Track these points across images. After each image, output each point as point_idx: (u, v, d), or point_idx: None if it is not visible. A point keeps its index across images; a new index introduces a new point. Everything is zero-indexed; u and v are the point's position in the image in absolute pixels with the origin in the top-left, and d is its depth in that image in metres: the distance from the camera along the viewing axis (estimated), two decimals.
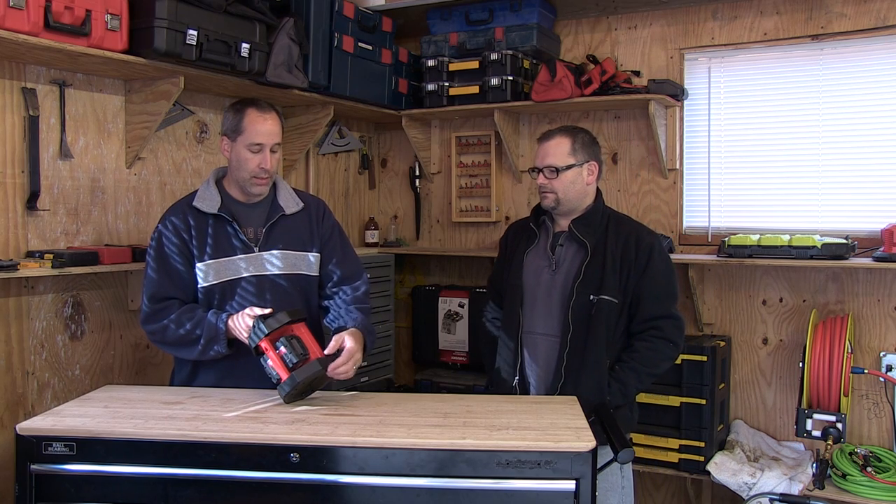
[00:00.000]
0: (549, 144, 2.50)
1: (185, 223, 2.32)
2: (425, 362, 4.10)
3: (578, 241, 2.47)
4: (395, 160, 4.36)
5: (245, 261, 2.34)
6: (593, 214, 2.51)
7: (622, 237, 2.47)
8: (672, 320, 2.45)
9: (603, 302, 2.40)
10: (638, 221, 2.62)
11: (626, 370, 2.41)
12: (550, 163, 2.47)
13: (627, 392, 2.41)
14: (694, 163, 3.57)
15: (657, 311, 2.44)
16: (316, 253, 2.45)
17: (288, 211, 2.42)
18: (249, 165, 2.32)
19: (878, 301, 3.15)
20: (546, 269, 2.50)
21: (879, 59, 3.18)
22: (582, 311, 2.40)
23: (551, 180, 2.46)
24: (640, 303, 2.44)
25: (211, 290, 2.31)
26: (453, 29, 3.79)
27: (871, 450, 2.99)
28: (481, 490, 1.81)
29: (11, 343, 2.55)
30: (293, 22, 3.07)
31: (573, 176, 2.47)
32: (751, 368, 3.42)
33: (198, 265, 2.31)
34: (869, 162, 3.21)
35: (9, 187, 2.53)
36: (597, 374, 2.37)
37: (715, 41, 3.48)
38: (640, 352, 2.42)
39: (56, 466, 1.88)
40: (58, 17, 2.33)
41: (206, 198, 2.35)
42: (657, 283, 2.45)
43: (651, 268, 2.44)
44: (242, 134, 2.31)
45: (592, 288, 2.40)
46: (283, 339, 2.10)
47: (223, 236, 2.33)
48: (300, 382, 2.07)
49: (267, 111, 2.35)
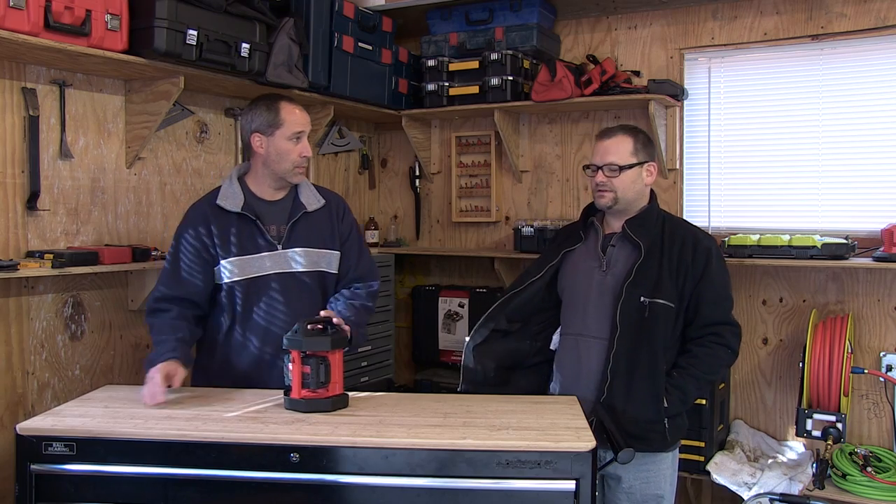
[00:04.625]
0: (610, 142, 2.41)
1: (206, 226, 2.37)
2: (425, 362, 4.11)
3: (632, 241, 2.37)
4: (395, 160, 4.36)
5: (269, 258, 2.39)
6: (648, 215, 2.42)
7: (678, 240, 2.38)
8: (731, 326, 2.38)
9: (658, 305, 2.29)
10: (695, 225, 2.51)
11: (685, 376, 2.31)
12: (612, 161, 2.37)
13: (687, 399, 2.32)
14: (694, 163, 3.57)
15: (716, 316, 2.36)
16: (336, 251, 2.51)
17: (310, 208, 2.47)
18: (292, 155, 2.39)
19: (878, 301, 3.15)
20: (597, 270, 2.41)
21: (879, 59, 3.18)
22: (632, 313, 2.29)
23: (611, 178, 2.37)
24: (698, 308, 2.35)
25: (234, 286, 2.36)
26: (453, 29, 3.79)
27: (871, 450, 2.98)
28: (481, 490, 1.81)
29: (11, 343, 2.55)
30: (293, 22, 3.07)
31: (634, 175, 2.39)
32: (751, 368, 3.42)
33: (222, 262, 2.37)
34: (869, 162, 3.20)
35: (9, 187, 2.53)
36: (652, 380, 2.27)
37: (715, 41, 3.48)
38: (699, 357, 2.33)
39: (56, 466, 1.88)
40: (58, 17, 2.33)
41: (229, 196, 2.39)
42: (716, 289, 2.36)
43: (709, 272, 2.35)
44: (282, 126, 2.38)
45: (645, 290, 2.30)
46: (313, 360, 2.06)
47: (247, 234, 2.39)
48: (302, 411, 2.05)
49: (295, 102, 2.45)
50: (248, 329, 2.38)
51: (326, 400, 2.06)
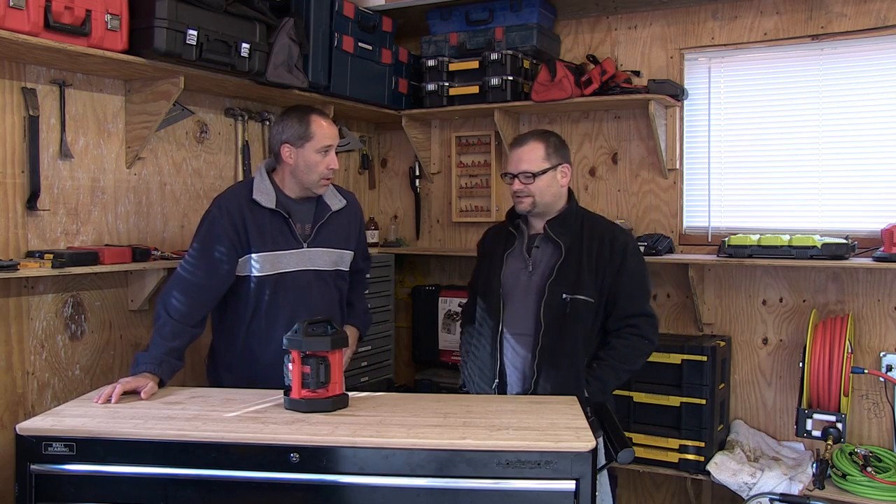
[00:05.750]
0: (522, 150, 2.53)
1: (241, 217, 2.43)
2: (425, 362, 4.10)
3: (553, 241, 2.51)
4: (395, 160, 4.36)
5: (296, 255, 2.49)
6: (567, 215, 2.55)
7: (597, 237, 2.52)
8: (647, 318, 2.51)
9: (578, 301, 2.44)
10: (611, 221, 2.67)
11: (604, 367, 2.45)
12: (525, 168, 2.50)
13: (606, 388, 2.46)
14: (694, 163, 3.57)
15: (633, 309, 2.50)
16: (352, 251, 2.66)
17: (334, 208, 2.58)
18: (320, 168, 2.47)
19: (878, 301, 3.15)
20: (523, 271, 2.54)
21: (879, 59, 3.18)
22: (555, 309, 2.44)
23: (527, 185, 2.49)
24: (615, 301, 2.49)
25: (263, 280, 2.45)
26: (453, 29, 3.79)
27: (871, 450, 2.99)
28: (481, 490, 1.81)
29: (11, 343, 2.55)
30: (293, 22, 3.07)
31: (549, 179, 2.51)
32: (751, 368, 3.42)
33: (254, 255, 2.44)
34: (869, 162, 3.20)
35: (9, 187, 2.52)
36: (573, 372, 2.42)
37: (715, 41, 3.48)
38: (617, 349, 2.48)
39: (56, 466, 1.88)
40: (58, 17, 2.33)
41: (263, 191, 2.47)
42: (632, 282, 2.51)
43: (626, 267, 2.49)
44: (312, 140, 2.45)
45: (567, 287, 2.45)
46: (313, 360, 2.06)
47: (278, 231, 2.47)
48: (302, 411, 2.06)
49: (326, 116, 2.54)
50: (271, 322, 2.46)
51: (326, 400, 2.07)
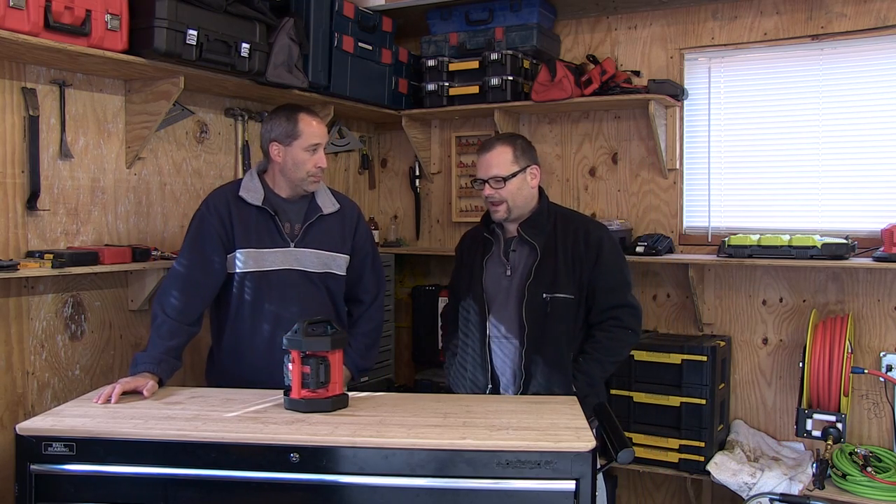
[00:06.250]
0: (490, 155, 2.53)
1: (227, 213, 2.46)
2: (425, 362, 4.10)
3: (528, 243, 2.52)
4: (395, 160, 4.36)
5: (282, 254, 2.49)
6: (539, 216, 2.56)
7: (570, 234, 2.53)
8: (628, 308, 2.53)
9: (558, 300, 2.46)
10: (585, 216, 2.69)
11: (589, 361, 2.48)
12: (495, 173, 2.50)
13: (593, 381, 2.49)
14: (694, 163, 3.57)
15: (613, 301, 2.51)
16: (346, 255, 2.62)
17: (325, 211, 2.57)
18: (307, 166, 2.47)
19: (878, 301, 3.15)
20: (503, 276, 2.55)
21: (879, 59, 3.18)
22: (536, 310, 2.46)
23: (498, 190, 2.49)
24: (595, 295, 2.51)
25: (245, 277, 2.46)
26: (453, 29, 3.79)
27: (871, 450, 2.99)
28: (481, 490, 1.81)
29: (11, 343, 2.55)
30: (293, 22, 3.07)
31: (519, 182, 2.51)
32: (751, 368, 3.42)
33: (238, 251, 2.45)
34: (869, 162, 3.20)
35: (9, 187, 2.52)
36: (560, 369, 2.45)
37: (715, 41, 3.48)
38: (601, 342, 2.50)
39: (56, 466, 1.88)
40: (58, 17, 2.33)
41: (251, 189, 2.49)
42: (610, 275, 2.52)
43: (602, 260, 2.51)
44: (300, 137, 2.46)
45: (545, 287, 2.46)
46: (313, 360, 2.06)
47: (264, 228, 2.48)
48: (302, 411, 2.06)
49: (314, 114, 2.54)
50: (255, 320, 2.47)
51: (326, 400, 2.07)
